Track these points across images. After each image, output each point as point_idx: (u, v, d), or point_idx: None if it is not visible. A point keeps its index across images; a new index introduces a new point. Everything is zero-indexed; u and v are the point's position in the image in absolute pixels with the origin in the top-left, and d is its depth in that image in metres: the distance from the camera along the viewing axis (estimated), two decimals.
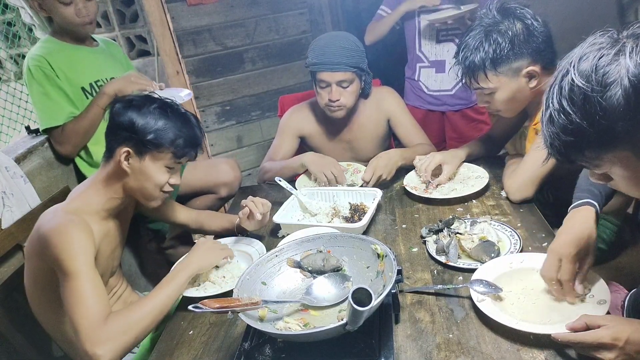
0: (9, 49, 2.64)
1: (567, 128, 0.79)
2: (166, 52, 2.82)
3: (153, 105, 1.33)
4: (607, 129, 0.76)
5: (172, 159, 1.35)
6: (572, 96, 0.78)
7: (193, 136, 1.37)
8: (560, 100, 0.79)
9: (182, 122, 1.35)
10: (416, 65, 2.47)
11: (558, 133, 0.81)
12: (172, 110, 1.35)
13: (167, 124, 1.31)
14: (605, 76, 0.74)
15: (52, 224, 1.24)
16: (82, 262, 1.18)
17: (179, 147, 1.34)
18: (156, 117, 1.31)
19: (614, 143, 0.78)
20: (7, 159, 1.82)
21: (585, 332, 0.87)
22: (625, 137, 0.76)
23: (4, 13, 2.50)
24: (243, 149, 3.26)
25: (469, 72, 1.51)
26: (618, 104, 0.74)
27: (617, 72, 0.74)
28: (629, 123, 0.74)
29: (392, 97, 2.03)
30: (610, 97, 0.74)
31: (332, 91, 1.82)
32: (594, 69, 0.76)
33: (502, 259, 1.23)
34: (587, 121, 0.77)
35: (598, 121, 0.76)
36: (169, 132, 1.31)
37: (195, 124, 1.40)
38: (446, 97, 2.47)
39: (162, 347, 1.21)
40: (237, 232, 1.59)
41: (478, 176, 1.70)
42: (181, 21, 2.83)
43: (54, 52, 1.95)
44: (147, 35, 2.78)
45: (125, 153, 1.30)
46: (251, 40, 3.05)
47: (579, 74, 0.77)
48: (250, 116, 3.20)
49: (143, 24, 2.77)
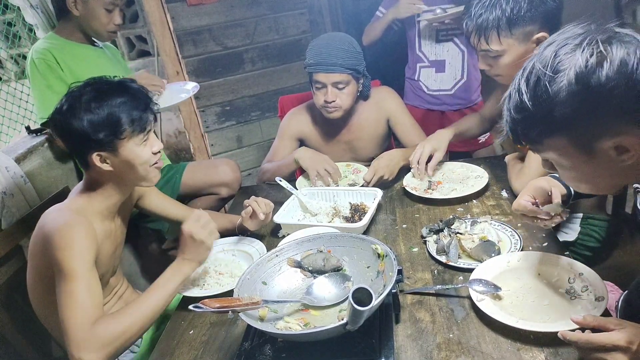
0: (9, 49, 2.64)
1: (517, 107, 0.85)
2: (166, 52, 2.82)
3: (83, 99, 1.23)
4: (548, 113, 0.81)
5: (139, 133, 1.28)
6: (529, 77, 0.83)
7: (138, 98, 1.28)
8: (520, 80, 0.84)
9: (120, 93, 1.26)
10: (416, 65, 2.48)
11: (510, 110, 0.87)
12: (105, 90, 1.26)
13: (110, 109, 1.23)
14: (559, 64, 0.79)
15: (56, 222, 1.22)
16: (81, 263, 1.16)
17: (136, 119, 1.26)
18: (94, 110, 1.22)
19: (553, 128, 0.83)
20: (7, 159, 1.83)
21: (598, 334, 0.85)
22: (563, 124, 0.81)
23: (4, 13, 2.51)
24: (243, 149, 3.26)
25: (480, 31, 1.43)
26: (560, 92, 0.78)
27: (568, 63, 0.78)
28: (567, 111, 0.79)
29: (392, 97, 2.03)
30: (556, 85, 0.78)
31: (328, 92, 1.82)
32: (552, 56, 0.80)
33: (500, 258, 1.23)
34: (533, 102, 0.82)
35: (541, 104, 0.81)
36: (118, 114, 1.23)
37: (129, 83, 1.31)
38: (446, 96, 2.47)
39: (162, 347, 1.21)
40: (238, 232, 1.59)
41: (478, 176, 1.70)
42: (181, 21, 2.83)
43: (59, 47, 1.97)
44: (147, 35, 2.78)
45: (98, 158, 1.26)
46: (251, 40, 3.05)
47: (540, 59, 0.82)
48: (250, 116, 3.20)
49: (143, 24, 2.77)
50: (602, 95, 0.76)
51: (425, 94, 2.50)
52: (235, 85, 3.09)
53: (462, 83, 2.41)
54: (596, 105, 0.77)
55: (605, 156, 0.82)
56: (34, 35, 2.36)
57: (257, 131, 3.26)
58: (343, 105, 1.86)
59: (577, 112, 0.78)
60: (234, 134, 3.19)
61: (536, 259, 1.20)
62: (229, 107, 3.12)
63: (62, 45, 1.98)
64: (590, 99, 0.77)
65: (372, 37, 2.47)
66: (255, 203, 1.50)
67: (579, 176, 0.91)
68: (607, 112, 0.78)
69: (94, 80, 1.30)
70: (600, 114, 0.78)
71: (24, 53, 2.67)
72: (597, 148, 0.82)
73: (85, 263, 1.17)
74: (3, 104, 2.28)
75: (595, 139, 0.81)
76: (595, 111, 0.78)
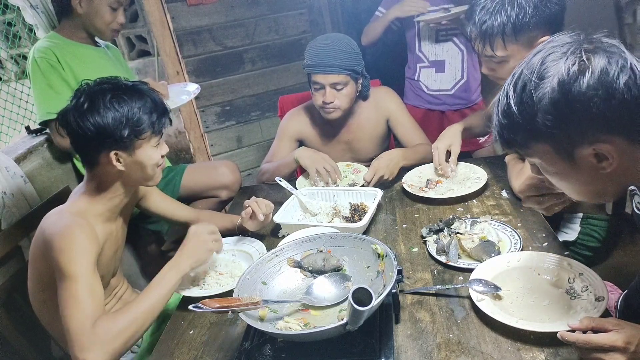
0: (9, 49, 2.64)
1: (504, 111, 0.87)
2: (166, 52, 2.82)
3: (107, 98, 1.24)
4: (531, 119, 0.83)
5: (155, 135, 1.31)
6: (517, 83, 0.85)
7: (158, 103, 1.31)
8: (509, 86, 0.87)
9: (140, 95, 1.28)
10: (416, 65, 2.48)
11: (498, 114, 0.89)
12: (124, 90, 1.27)
13: (133, 108, 1.25)
14: (545, 71, 0.81)
15: (57, 226, 1.22)
16: (82, 265, 1.16)
17: (156, 122, 1.29)
18: (118, 108, 1.23)
19: (536, 134, 0.85)
20: (7, 159, 1.83)
21: (596, 335, 0.87)
22: (546, 131, 0.83)
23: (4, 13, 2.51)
24: (243, 149, 3.26)
25: (484, 37, 1.41)
26: (543, 98, 0.80)
27: (553, 71, 0.80)
28: (548, 118, 0.81)
29: (391, 97, 2.03)
30: (540, 91, 0.81)
31: (326, 93, 1.82)
32: (539, 63, 0.82)
33: (500, 258, 1.23)
34: (518, 108, 0.84)
35: (525, 110, 0.83)
36: (140, 115, 1.25)
37: (146, 87, 1.33)
38: (445, 96, 2.47)
39: (162, 347, 1.21)
40: (238, 232, 1.59)
41: (477, 177, 1.70)
42: (181, 21, 2.83)
43: (61, 46, 1.97)
44: (147, 35, 2.78)
45: (115, 156, 1.26)
46: (251, 40, 3.05)
47: (528, 65, 0.84)
48: (250, 116, 3.20)
49: (143, 24, 2.77)
50: (582, 103, 0.78)
51: (425, 94, 2.51)
52: (235, 85, 3.09)
53: (462, 83, 2.42)
54: (576, 112, 0.79)
55: (586, 163, 0.84)
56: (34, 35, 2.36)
57: (257, 131, 3.26)
58: (341, 106, 1.86)
59: (558, 119, 0.80)
60: (234, 134, 3.19)
61: (536, 259, 1.20)
62: (229, 107, 3.12)
63: (64, 45, 1.98)
64: (570, 107, 0.79)
65: (371, 38, 2.47)
66: (255, 204, 1.50)
67: (564, 183, 0.92)
68: (586, 120, 0.80)
69: (107, 80, 1.30)
70: (580, 121, 0.80)
71: (24, 53, 2.67)
72: (578, 155, 0.84)
73: (86, 265, 1.17)
74: (3, 104, 2.27)
75: (576, 146, 0.83)
76: (575, 118, 0.80)
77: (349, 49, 1.82)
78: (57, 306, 1.16)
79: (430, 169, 1.82)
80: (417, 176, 1.80)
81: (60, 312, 1.14)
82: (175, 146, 3.08)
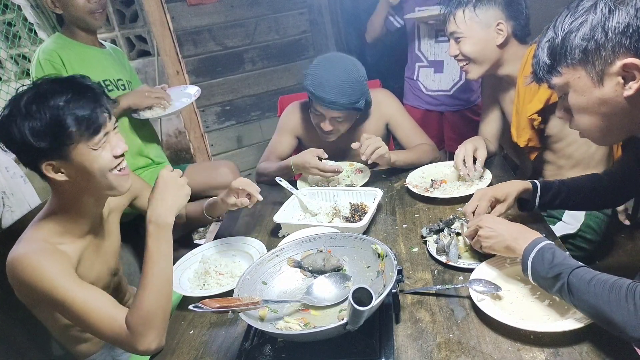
0: (9, 49, 2.64)
1: (549, 41, 0.99)
2: (166, 52, 2.82)
3: (22, 102, 1.07)
4: (571, 47, 0.94)
5: (91, 135, 1.11)
6: (557, 20, 0.98)
7: (86, 95, 1.11)
8: (551, 25, 1.00)
9: (63, 91, 1.09)
10: (415, 64, 2.48)
11: (541, 42, 1.01)
12: (44, 90, 1.09)
13: (52, 111, 1.06)
14: (582, 9, 0.93)
15: (21, 267, 1.11)
16: (64, 285, 1.09)
17: (86, 120, 1.09)
18: (35, 114, 1.06)
19: (573, 60, 0.95)
20: (7, 159, 1.83)
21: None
22: (583, 56, 0.93)
23: (4, 13, 2.51)
24: (243, 149, 3.26)
25: (449, 11, 1.60)
26: (584, 24, 0.92)
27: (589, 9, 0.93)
28: (587, 41, 0.91)
29: (390, 100, 2.02)
30: (581, 18, 0.92)
31: (326, 123, 1.83)
32: (577, 4, 0.95)
33: (500, 258, 1.23)
34: (558, 33, 0.96)
35: (566, 37, 0.94)
36: (62, 118, 1.07)
37: (77, 79, 1.16)
38: (444, 97, 2.47)
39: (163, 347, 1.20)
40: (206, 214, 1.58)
41: (482, 177, 1.69)
42: (181, 21, 2.83)
43: (65, 48, 1.97)
44: (147, 35, 2.79)
45: (50, 167, 1.11)
46: (251, 40, 3.05)
47: (569, 7, 0.97)
48: (250, 116, 3.21)
49: (143, 24, 2.78)
50: (612, 31, 0.88)
51: (424, 94, 2.51)
52: (235, 85, 3.10)
53: (461, 84, 2.41)
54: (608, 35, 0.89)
55: (612, 86, 0.92)
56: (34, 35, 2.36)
57: (257, 131, 3.26)
58: (340, 132, 1.88)
59: (595, 41, 0.91)
60: (234, 133, 3.20)
61: None
62: (229, 107, 3.13)
63: (68, 46, 1.98)
64: (604, 29, 0.89)
65: (373, 34, 2.47)
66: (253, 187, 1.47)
67: (586, 117, 1.00)
68: (618, 43, 0.89)
69: (40, 79, 1.14)
70: (614, 42, 0.89)
71: (24, 53, 2.67)
72: (607, 76, 0.92)
73: (70, 282, 1.10)
74: (3, 104, 2.27)
75: (607, 64, 0.91)
76: (609, 40, 0.89)
77: (354, 82, 1.74)
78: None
79: (434, 168, 1.82)
80: (421, 176, 1.79)
81: (89, 331, 1.13)
82: (175, 146, 3.08)
